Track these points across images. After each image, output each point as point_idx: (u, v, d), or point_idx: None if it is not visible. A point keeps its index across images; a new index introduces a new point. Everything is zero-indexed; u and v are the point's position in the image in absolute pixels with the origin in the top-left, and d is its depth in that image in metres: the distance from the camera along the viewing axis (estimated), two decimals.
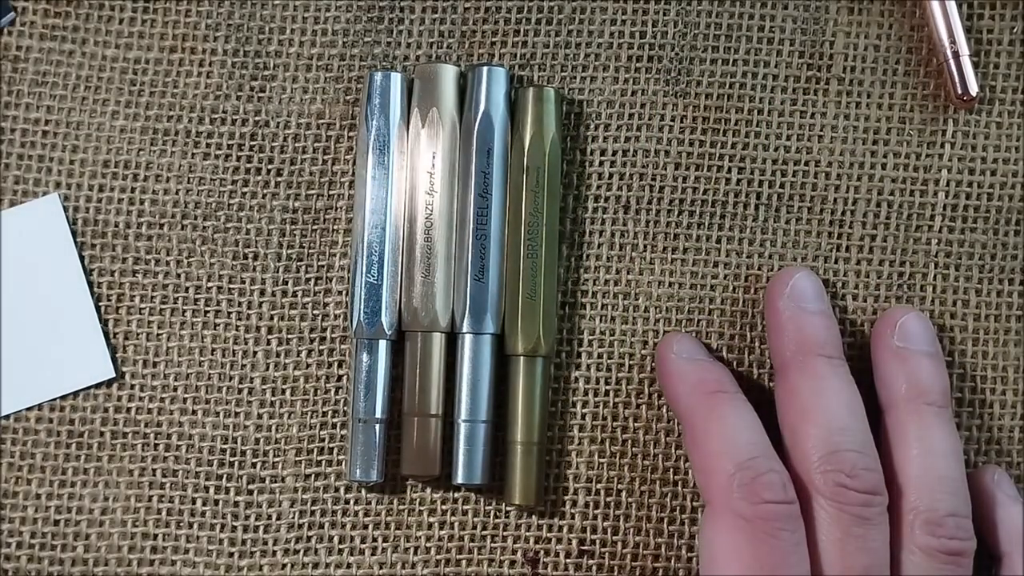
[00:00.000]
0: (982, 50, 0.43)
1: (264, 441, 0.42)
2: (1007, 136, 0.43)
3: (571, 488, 0.42)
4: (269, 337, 0.42)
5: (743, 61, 0.43)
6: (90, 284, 0.42)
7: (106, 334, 0.42)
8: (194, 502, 0.42)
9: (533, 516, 0.42)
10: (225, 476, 0.42)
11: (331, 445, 0.42)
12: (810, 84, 0.43)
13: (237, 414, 0.42)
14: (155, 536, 0.42)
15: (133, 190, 0.43)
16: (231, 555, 0.42)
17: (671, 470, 0.42)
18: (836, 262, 0.43)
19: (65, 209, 0.42)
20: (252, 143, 0.43)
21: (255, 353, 0.42)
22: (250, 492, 0.42)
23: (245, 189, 0.43)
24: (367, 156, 0.42)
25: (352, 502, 0.42)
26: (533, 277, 0.41)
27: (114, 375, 0.42)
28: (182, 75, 0.43)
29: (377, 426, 0.41)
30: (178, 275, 0.42)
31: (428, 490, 0.42)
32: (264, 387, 0.42)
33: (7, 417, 0.42)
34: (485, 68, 0.42)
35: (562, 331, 0.43)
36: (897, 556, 0.39)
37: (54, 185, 0.43)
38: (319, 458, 0.42)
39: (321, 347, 0.42)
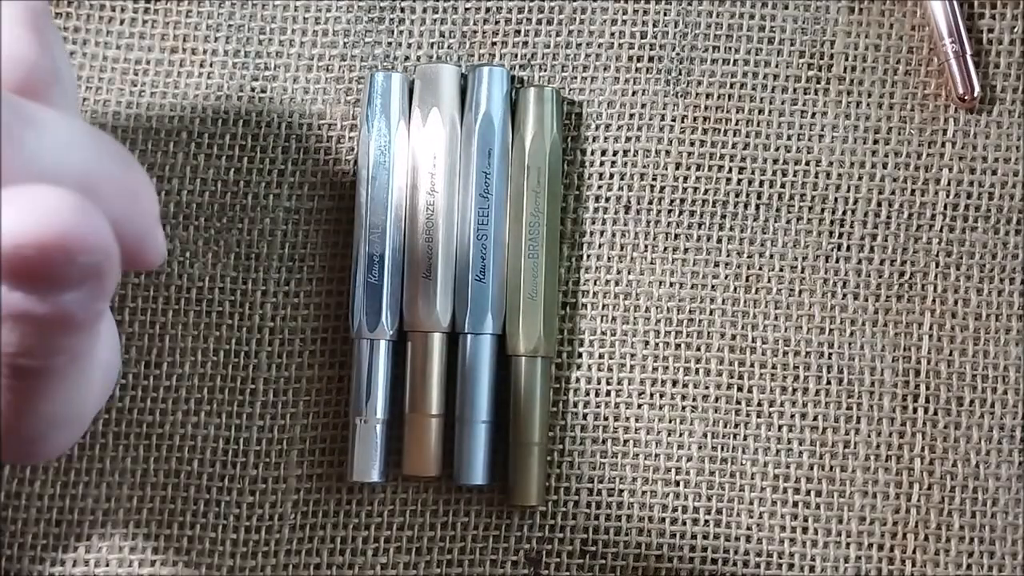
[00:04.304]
0: (983, 50, 0.43)
1: (267, 442, 0.42)
2: (1008, 136, 0.43)
3: (573, 488, 0.42)
4: (271, 338, 0.42)
5: (744, 61, 0.43)
6: None
7: None
8: (196, 503, 0.42)
9: (535, 516, 0.42)
10: (228, 477, 0.42)
11: (333, 446, 0.42)
12: (811, 84, 0.43)
13: (240, 415, 0.42)
14: (157, 537, 0.42)
15: None
16: (233, 556, 0.42)
17: (673, 470, 0.42)
18: (837, 262, 0.43)
19: None
20: (254, 144, 0.43)
21: (257, 354, 0.42)
22: (252, 493, 0.42)
23: (247, 190, 0.43)
24: (368, 156, 0.42)
25: (354, 503, 0.42)
26: (534, 277, 0.41)
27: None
28: (183, 76, 0.43)
29: (378, 426, 0.41)
30: (180, 276, 0.42)
31: (430, 491, 0.42)
32: (266, 388, 0.42)
33: None
34: (486, 68, 0.42)
35: (563, 331, 0.43)
36: None
37: None
38: (321, 459, 0.42)
39: (323, 348, 0.42)
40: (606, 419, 0.42)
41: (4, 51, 0.29)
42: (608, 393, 0.42)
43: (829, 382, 0.42)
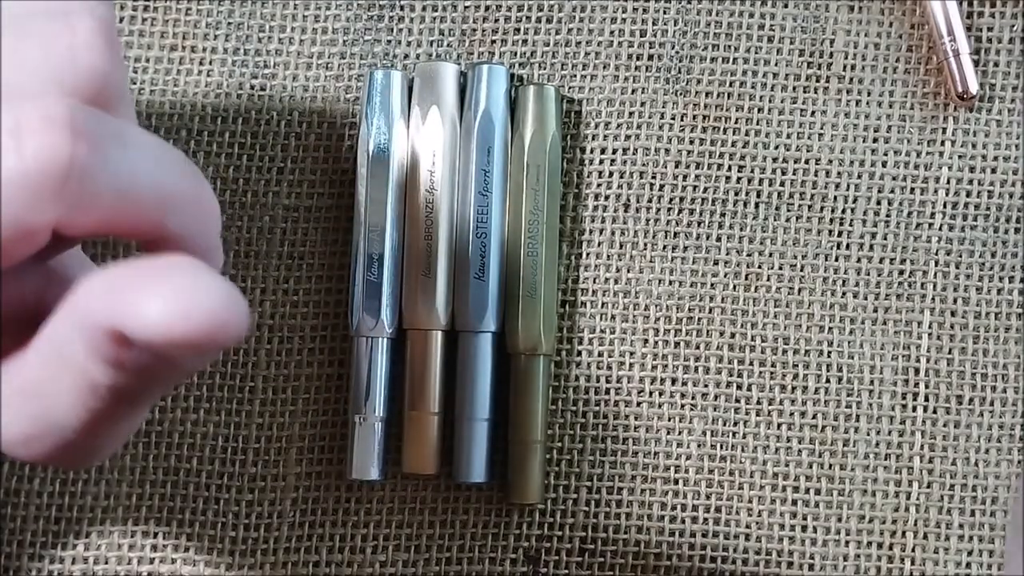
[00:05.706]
0: (982, 48, 0.43)
1: (266, 440, 0.42)
2: (1007, 134, 0.43)
3: (572, 486, 0.42)
4: (271, 336, 0.42)
5: (743, 59, 0.43)
6: None
7: None
8: (195, 501, 0.42)
9: (534, 514, 0.42)
10: (227, 475, 0.42)
11: (332, 444, 0.42)
12: (810, 82, 0.43)
13: (239, 413, 0.42)
14: (156, 535, 0.42)
15: None
16: (232, 554, 0.42)
17: (672, 468, 0.42)
18: (836, 260, 0.43)
19: None
20: (253, 141, 0.43)
21: (256, 352, 0.42)
22: (251, 491, 0.42)
23: (246, 188, 0.43)
24: (367, 154, 0.42)
25: (353, 501, 0.42)
26: (533, 275, 0.41)
27: None
28: (182, 73, 0.43)
29: (377, 424, 0.41)
30: None
31: (429, 488, 0.42)
32: (265, 386, 0.42)
33: None
34: (485, 66, 0.42)
35: (562, 329, 0.43)
36: None
37: None
38: (320, 457, 0.42)
39: (322, 346, 0.42)
40: (605, 417, 0.42)
41: (82, 61, 0.28)
42: (607, 391, 0.42)
43: (828, 380, 0.42)
